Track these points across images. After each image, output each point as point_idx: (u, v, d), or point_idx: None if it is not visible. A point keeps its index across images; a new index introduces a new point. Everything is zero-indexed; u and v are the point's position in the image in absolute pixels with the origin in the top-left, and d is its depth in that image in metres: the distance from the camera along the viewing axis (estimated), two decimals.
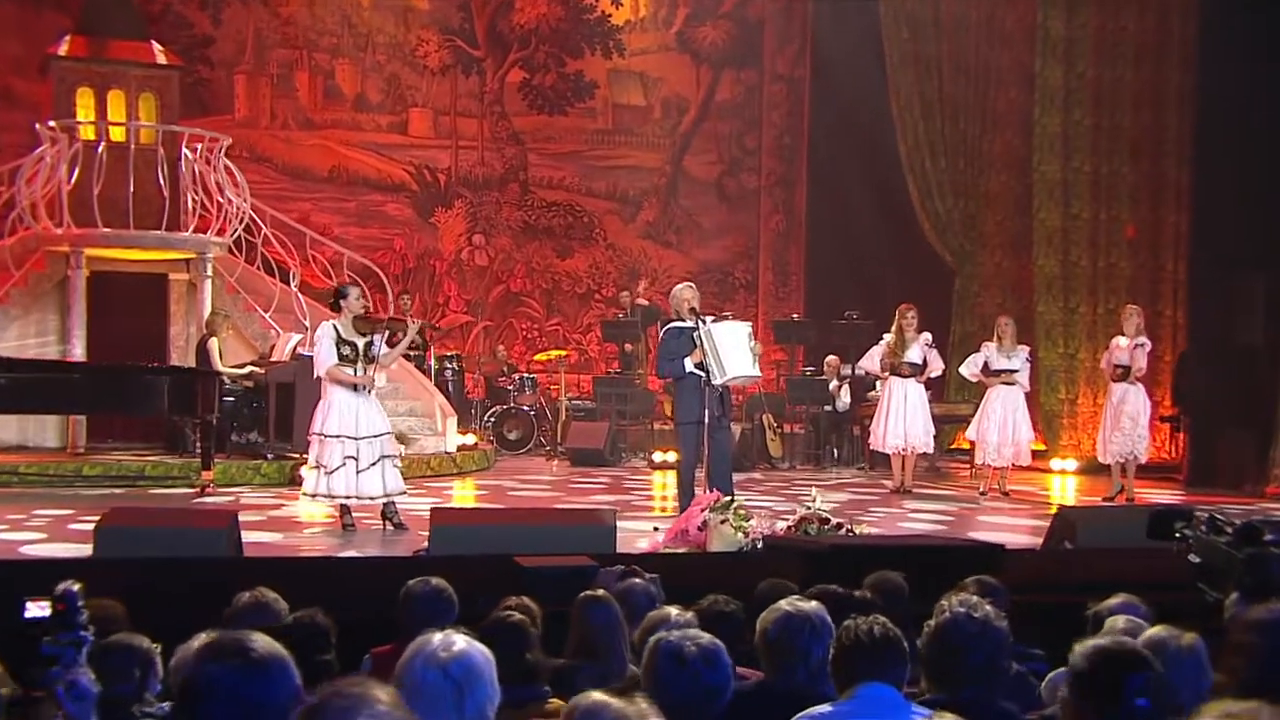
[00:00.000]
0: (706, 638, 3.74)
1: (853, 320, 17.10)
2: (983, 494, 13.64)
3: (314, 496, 10.43)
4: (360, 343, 10.35)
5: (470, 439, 16.09)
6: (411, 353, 16.48)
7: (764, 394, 17.24)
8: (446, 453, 15.24)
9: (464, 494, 13.57)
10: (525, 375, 18.17)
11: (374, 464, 10.32)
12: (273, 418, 13.98)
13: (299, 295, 15.32)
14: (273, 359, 14.43)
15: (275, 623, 4.70)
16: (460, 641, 3.28)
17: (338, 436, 10.26)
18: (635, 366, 17.73)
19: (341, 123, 20.05)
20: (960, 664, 3.62)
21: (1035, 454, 15.28)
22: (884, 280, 18.26)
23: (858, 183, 19.43)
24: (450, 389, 17.00)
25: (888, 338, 13.80)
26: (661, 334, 10.79)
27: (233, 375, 14.21)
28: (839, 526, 8.90)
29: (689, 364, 10.27)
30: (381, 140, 20.23)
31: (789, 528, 8.89)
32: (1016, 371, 13.64)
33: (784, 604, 4.08)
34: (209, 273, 14.91)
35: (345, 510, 10.48)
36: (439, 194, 20.50)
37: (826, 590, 5.06)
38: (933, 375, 13.94)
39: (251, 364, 14.37)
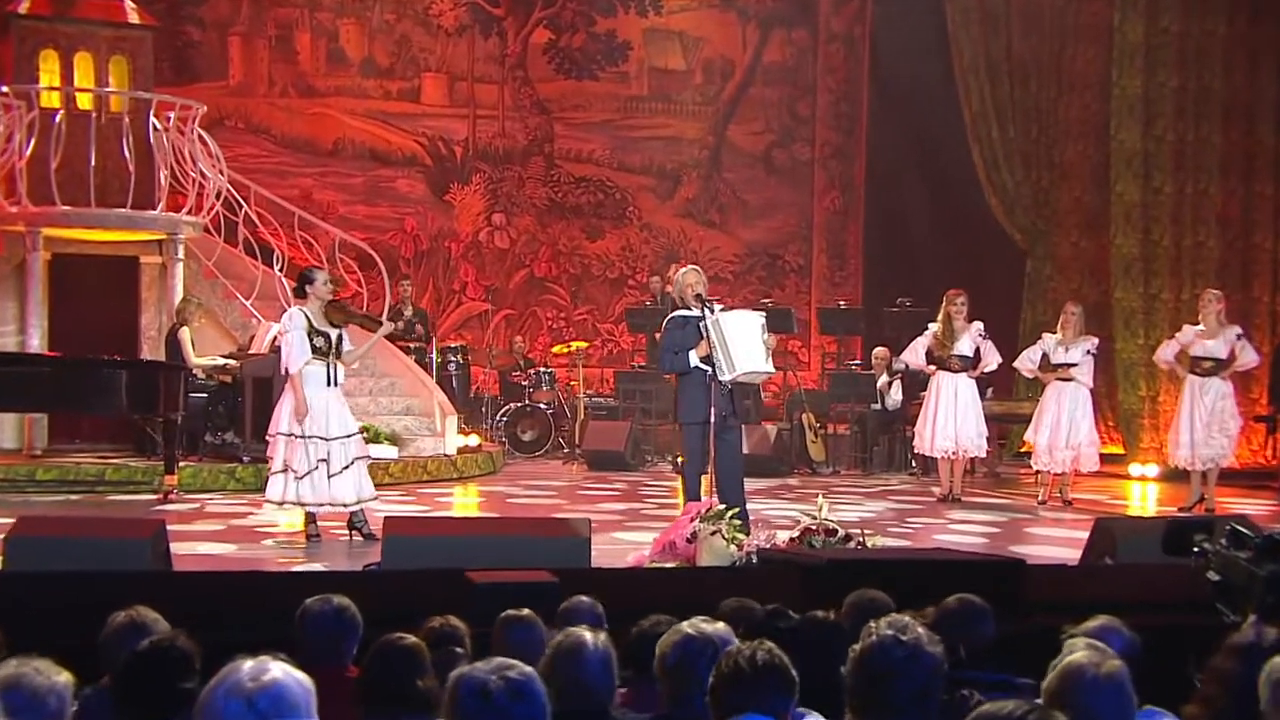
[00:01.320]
0: (519, 669, 3.57)
1: (905, 308, 16.78)
2: (1042, 503, 13.37)
3: (282, 504, 10.32)
4: (333, 334, 10.26)
5: (474, 440, 15.93)
6: (413, 345, 16.33)
7: (804, 390, 17.10)
8: (445, 455, 15.12)
9: (458, 501, 13.46)
10: (543, 370, 17.98)
11: (347, 467, 10.21)
12: (249, 416, 13.77)
13: (284, 280, 15.09)
14: (251, 351, 14.25)
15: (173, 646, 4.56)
16: (275, 670, 3.18)
17: (308, 437, 10.16)
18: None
19: (347, 90, 19.96)
20: (886, 693, 3.60)
21: (1109, 458, 14.87)
22: (948, 263, 17.95)
23: (922, 155, 19.23)
24: (454, 385, 16.88)
25: (933, 327, 13.49)
26: (665, 324, 10.60)
27: (206, 369, 14.08)
28: (847, 539, 8.65)
29: (694, 358, 10.09)
30: (391, 109, 20.13)
31: (791, 540, 8.69)
32: (1075, 366, 13.21)
33: (685, 626, 4.08)
34: (180, 255, 14.80)
35: (311, 519, 10.35)
36: (455, 169, 20.37)
37: (743, 608, 4.99)
38: (988, 370, 13.59)
39: (227, 356, 14.16)
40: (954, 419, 13.29)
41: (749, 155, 21.23)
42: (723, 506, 9.16)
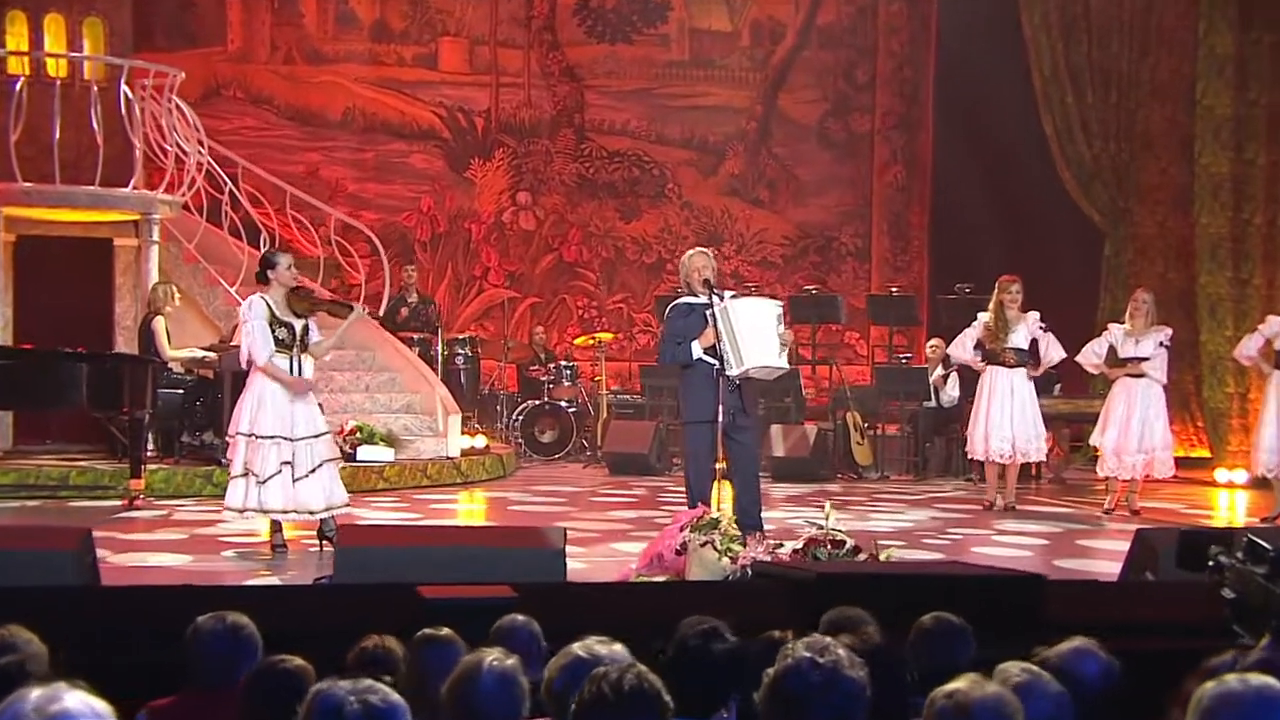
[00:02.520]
0: (382, 695, 3.57)
1: (965, 295, 16.53)
2: (1107, 512, 13.18)
3: (243, 512, 10.20)
4: (297, 325, 10.15)
5: (480, 441, 15.80)
6: (416, 338, 16.17)
7: (849, 387, 16.86)
8: (448, 458, 15.05)
9: (455, 507, 13.38)
10: (564, 364, 17.87)
11: (314, 470, 10.13)
12: (230, 414, 13.58)
13: None
14: (234, 342, 14.04)
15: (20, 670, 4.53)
16: (68, 699, 3.03)
17: (272, 438, 10.06)
18: None
19: (356, 55, 19.91)
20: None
21: (1195, 462, 14.74)
22: (1017, 246, 17.71)
23: (992, 124, 18.94)
24: (463, 380, 16.81)
25: (984, 317, 13.27)
26: (668, 312, 10.48)
27: (183, 362, 14.02)
28: (856, 551, 8.60)
29: (697, 348, 9.96)
30: (405, 77, 20.07)
31: (795, 552, 8.60)
32: (1147, 360, 12.94)
33: (576, 647, 4.10)
34: (155, 237, 14.71)
35: (276, 528, 10.30)
36: (476, 142, 20.28)
37: (691, 627, 4.72)
38: (1050, 365, 13.38)
39: (206, 349, 14.04)
40: (1009, 419, 13.07)
41: (801, 126, 20.97)
42: (716, 515, 9.01)
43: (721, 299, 10.04)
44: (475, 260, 20.21)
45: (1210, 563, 5.59)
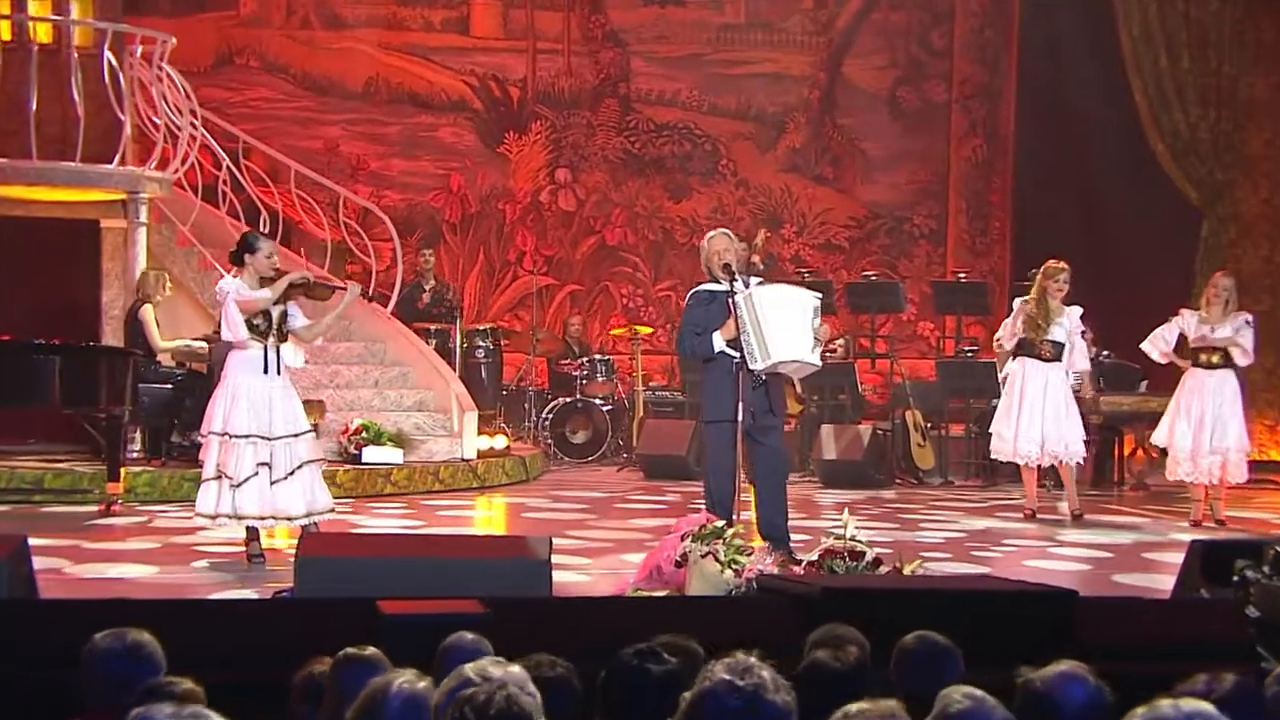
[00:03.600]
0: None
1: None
2: (1195, 523, 12.98)
3: (215, 518, 10.14)
4: (274, 311, 10.09)
5: (500, 441, 15.73)
6: (434, 329, 16.32)
7: (909, 383, 16.71)
8: (463, 460, 15.00)
9: (463, 515, 13.35)
10: (599, 357, 17.76)
11: (293, 473, 10.08)
12: None
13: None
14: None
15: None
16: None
17: (247, 437, 10.01)
18: None
19: (380, 20, 19.93)
20: None
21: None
22: (1108, 226, 17.75)
23: (1083, 93, 18.85)
24: (483, 375, 16.77)
25: (1022, 303, 13.18)
26: (687, 300, 10.48)
27: (172, 353, 14.05)
28: (876, 564, 8.55)
29: (718, 340, 9.91)
30: (434, 43, 20.08)
31: (809, 565, 8.58)
32: (1237, 347, 12.75)
33: (469, 668, 4.06)
34: (143, 218, 14.65)
35: (253, 536, 10.25)
36: (510, 115, 20.28)
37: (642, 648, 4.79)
38: (1075, 370, 13.41)
39: (199, 339, 14.01)
40: (1039, 418, 12.97)
41: (869, 95, 20.89)
42: (721, 524, 8.90)
43: (746, 286, 9.99)
44: (509, 244, 20.18)
45: (1236, 578, 5.83)
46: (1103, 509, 14.06)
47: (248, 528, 10.14)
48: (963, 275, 18.32)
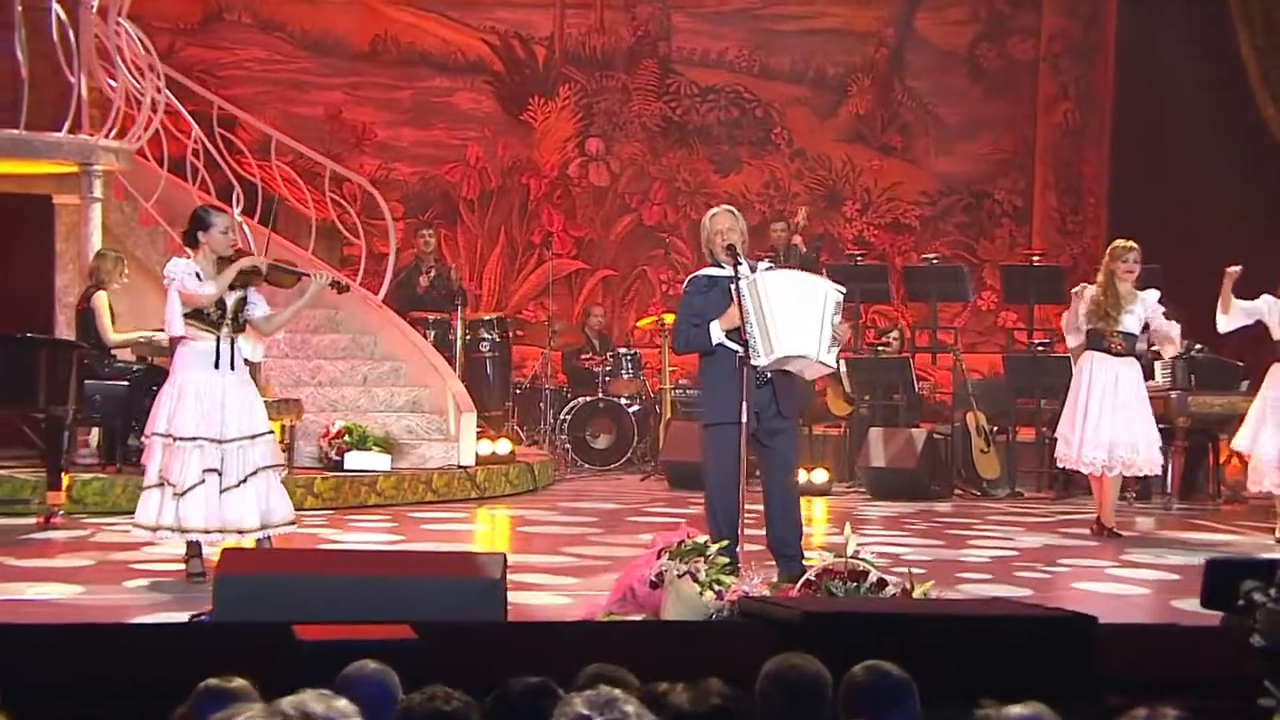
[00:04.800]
0: None
1: (1145, 267, 15.95)
2: None
3: (155, 530, 10.12)
4: (229, 298, 10.05)
5: (504, 446, 15.65)
6: (431, 319, 16.37)
7: (970, 381, 16.62)
8: (460, 468, 14.99)
9: (450, 529, 13.24)
10: (623, 352, 17.69)
11: (246, 480, 10.06)
12: None
13: (244, 225, 14.98)
14: None
15: None
16: None
17: (194, 440, 9.96)
18: None
19: None
20: None
21: None
22: (1212, 204, 17.73)
23: (1191, 49, 18.80)
24: (489, 370, 16.74)
25: (1090, 291, 13.06)
26: (685, 287, 10.47)
27: (128, 346, 14.00)
28: (880, 585, 8.46)
29: (716, 331, 9.85)
30: None
31: (805, 585, 8.53)
32: None
33: (286, 703, 4.11)
34: (98, 193, 14.58)
35: (194, 552, 10.20)
36: (535, 77, 20.38)
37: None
38: (1167, 355, 13.56)
39: (157, 330, 13.88)
40: (1106, 422, 12.91)
41: (945, 55, 20.90)
42: (703, 540, 8.98)
43: (753, 270, 9.99)
44: (534, 224, 20.29)
45: (1241, 601, 5.62)
46: (1190, 524, 13.99)
47: (189, 542, 10.08)
48: (1036, 258, 18.23)
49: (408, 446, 14.87)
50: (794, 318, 9.69)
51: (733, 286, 9.75)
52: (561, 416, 17.40)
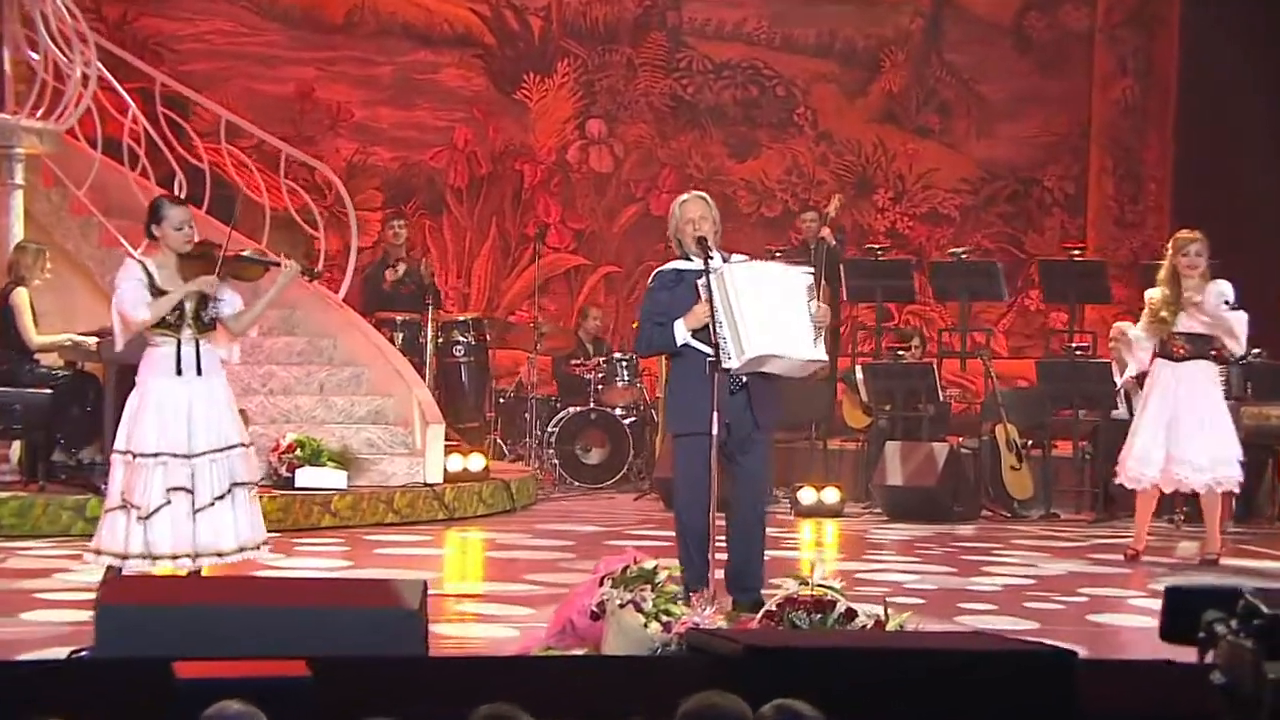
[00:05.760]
0: None
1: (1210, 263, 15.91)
2: None
3: (126, 558, 10.07)
4: (187, 299, 9.97)
5: (477, 461, 15.50)
6: (399, 319, 16.43)
7: (1000, 390, 16.54)
8: (426, 486, 14.87)
9: (405, 553, 13.13)
10: (618, 358, 17.66)
11: (222, 498, 10.04)
12: (112, 423, 13.42)
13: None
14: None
15: None
16: None
17: (155, 456, 9.90)
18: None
19: None
20: None
21: None
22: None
23: (1267, 19, 18.99)
24: (464, 377, 16.74)
25: (1155, 293, 12.98)
26: (650, 282, 10.60)
27: (53, 350, 13.93)
28: (849, 616, 8.36)
29: (681, 331, 9.92)
30: None
31: (765, 616, 8.47)
32: None
33: None
34: (19, 179, 14.59)
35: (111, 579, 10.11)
36: (531, 51, 20.45)
37: None
38: (1233, 357, 13.28)
39: (86, 333, 13.93)
40: (1162, 434, 12.86)
41: (988, 25, 21.12)
42: (651, 565, 8.74)
43: (726, 259, 9.98)
44: (529, 215, 20.36)
45: (1202, 633, 5.42)
46: (1241, 549, 13.87)
47: (108, 567, 10.01)
48: (1077, 252, 18.19)
49: (367, 462, 14.81)
50: (765, 313, 9.69)
51: (699, 282, 9.74)
52: (549, 429, 17.34)
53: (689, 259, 10.02)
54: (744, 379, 9.74)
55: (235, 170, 16.30)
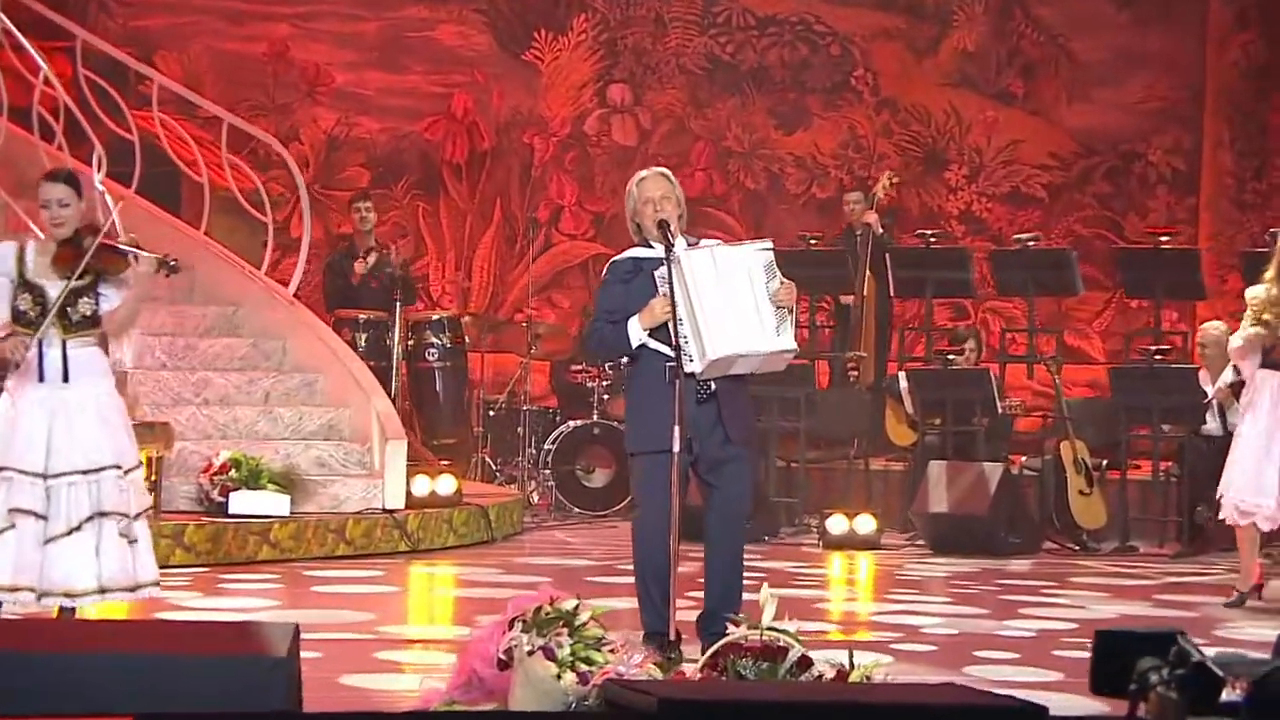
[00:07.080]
0: None
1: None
2: None
3: None
4: (51, 290, 9.92)
5: (447, 484, 15.48)
6: (362, 318, 16.65)
7: (1067, 402, 16.54)
8: (385, 511, 14.92)
9: (350, 591, 13.17)
10: (625, 363, 17.23)
11: (79, 528, 9.96)
12: None
13: (105, 196, 14.63)
14: None
15: None
16: None
17: (0, 470, 9.99)
18: (848, 339, 17.45)
19: None
20: None
21: None
22: None
23: None
24: (439, 385, 16.76)
25: (1259, 292, 12.78)
26: (604, 275, 10.79)
27: None
28: (803, 665, 8.31)
29: (635, 330, 9.99)
30: None
31: (708, 665, 8.44)
32: None
33: None
34: None
35: None
36: (543, 6, 20.65)
37: None
38: None
39: None
40: (1260, 458, 12.82)
41: None
42: (571, 604, 8.63)
43: (694, 245, 10.15)
44: (540, 195, 20.66)
45: (1134, 684, 5.24)
46: None
47: None
48: (1165, 238, 17.90)
49: (316, 484, 14.82)
50: (721, 305, 9.73)
51: (657, 273, 9.83)
52: (545, 446, 17.28)
53: (649, 246, 10.03)
54: (712, 385, 9.76)
55: (172, 144, 16.36)
